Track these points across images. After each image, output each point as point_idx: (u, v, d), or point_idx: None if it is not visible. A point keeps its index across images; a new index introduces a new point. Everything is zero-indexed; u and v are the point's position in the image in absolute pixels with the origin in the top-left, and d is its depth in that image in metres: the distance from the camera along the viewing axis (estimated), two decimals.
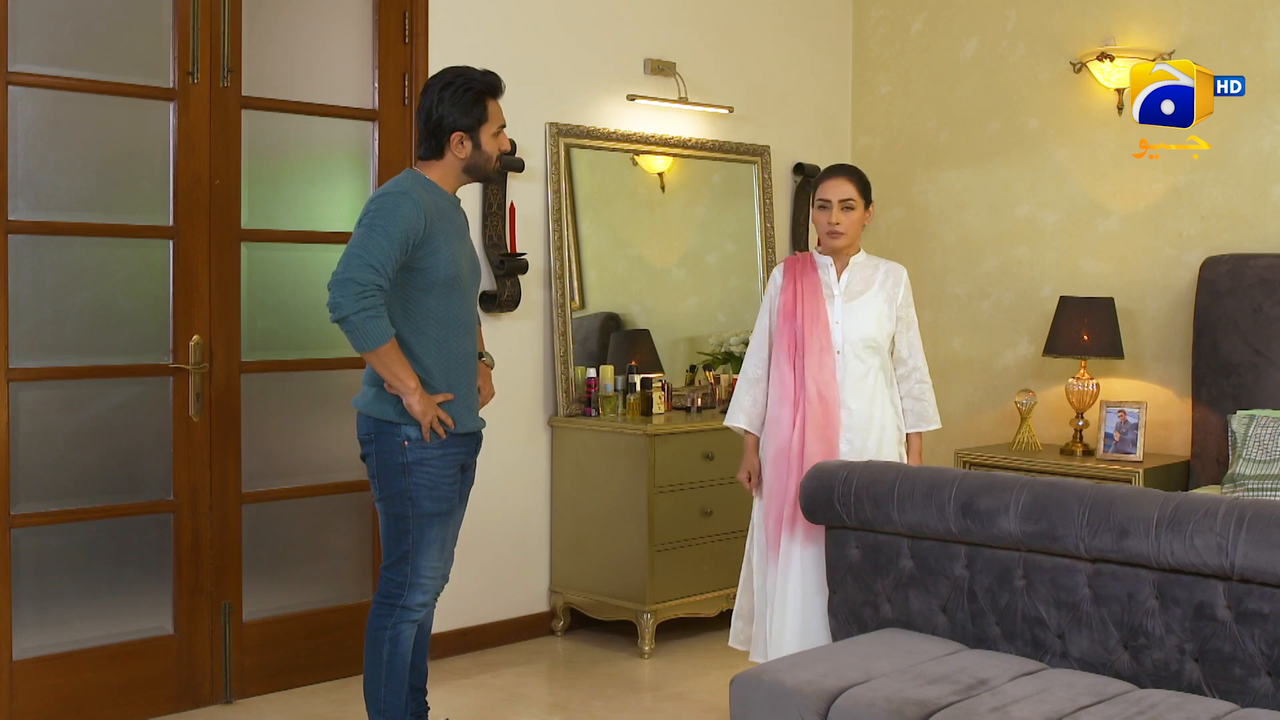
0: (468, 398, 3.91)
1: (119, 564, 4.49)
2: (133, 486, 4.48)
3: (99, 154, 4.43)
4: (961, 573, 3.51)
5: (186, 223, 4.53)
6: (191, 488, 4.55)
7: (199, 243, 4.56)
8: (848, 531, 3.73)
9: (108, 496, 4.42)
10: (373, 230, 3.63)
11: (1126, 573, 3.20)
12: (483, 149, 3.87)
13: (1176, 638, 3.12)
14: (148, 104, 4.47)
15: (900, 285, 4.29)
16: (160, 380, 4.52)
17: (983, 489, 3.45)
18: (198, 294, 4.55)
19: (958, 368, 6.42)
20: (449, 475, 3.84)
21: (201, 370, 4.54)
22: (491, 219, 5.30)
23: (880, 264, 4.33)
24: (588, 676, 5.10)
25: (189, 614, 4.56)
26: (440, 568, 3.91)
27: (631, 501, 5.30)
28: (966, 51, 6.39)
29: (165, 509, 4.52)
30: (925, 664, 3.29)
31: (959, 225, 6.43)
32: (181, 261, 4.52)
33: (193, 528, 4.56)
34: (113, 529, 4.45)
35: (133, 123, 4.48)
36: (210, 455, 4.59)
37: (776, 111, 6.49)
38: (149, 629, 4.51)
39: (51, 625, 4.32)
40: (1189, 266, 5.60)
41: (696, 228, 6.36)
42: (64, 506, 4.33)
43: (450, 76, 3.85)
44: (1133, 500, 3.20)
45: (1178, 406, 5.67)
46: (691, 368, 6.10)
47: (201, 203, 4.56)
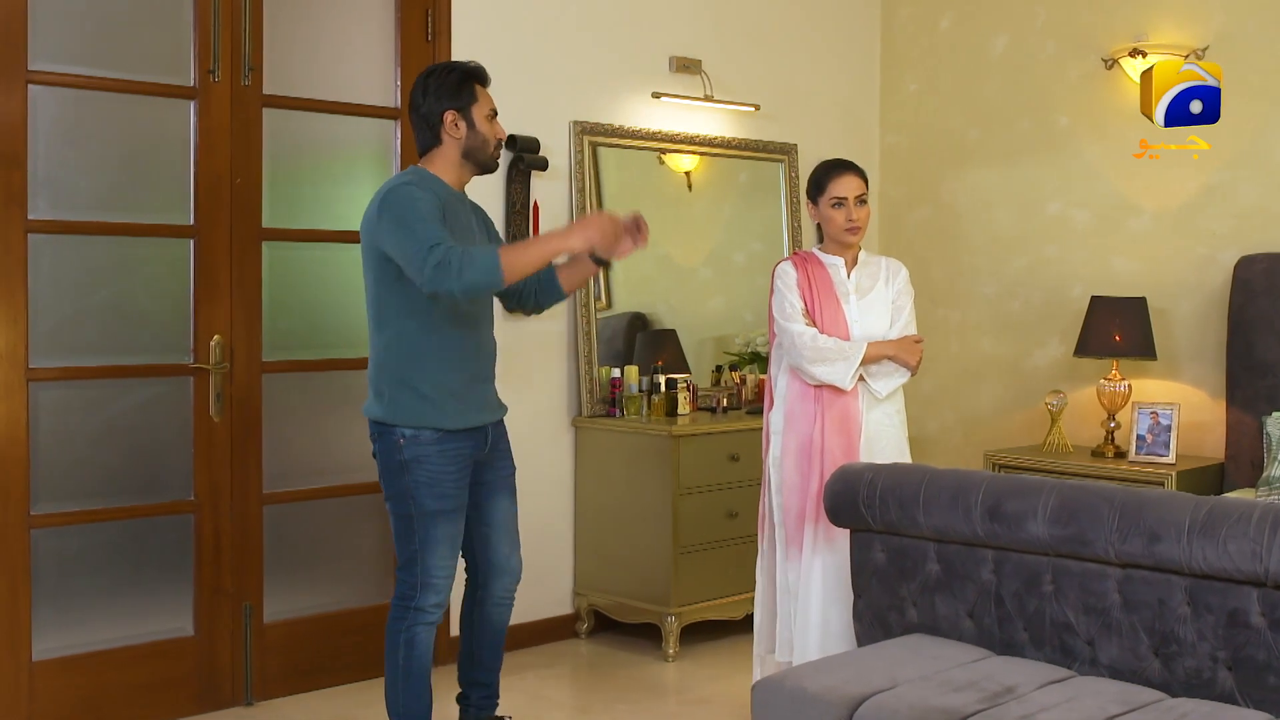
0: (470, 393, 3.87)
1: (139, 564, 4.47)
2: (153, 487, 4.46)
3: (119, 153, 4.41)
4: (989, 577, 3.44)
5: (207, 222, 4.51)
6: (212, 488, 4.53)
7: (220, 242, 4.53)
8: (872, 535, 3.67)
9: (128, 497, 4.41)
10: (402, 222, 3.60)
11: (1158, 578, 3.13)
12: (478, 129, 3.85)
13: (1209, 645, 3.05)
14: (168, 102, 4.45)
15: (898, 278, 4.28)
16: (181, 380, 4.49)
17: (1010, 492, 3.38)
18: (219, 293, 4.53)
19: (987, 368, 6.35)
20: (451, 472, 3.80)
21: (222, 370, 4.51)
22: (515, 217, 5.27)
23: (880, 260, 4.31)
24: (611, 680, 5.05)
25: (209, 615, 4.54)
26: (451, 566, 3.88)
27: (655, 503, 5.25)
28: (996, 48, 6.31)
29: (186, 509, 4.49)
30: (951, 670, 3.23)
31: (988, 224, 6.35)
32: (202, 261, 4.50)
33: (214, 528, 4.53)
34: (133, 529, 4.43)
35: (153, 121, 4.45)
36: (231, 455, 4.56)
37: (803, 110, 6.43)
38: (169, 630, 4.49)
39: (72, 626, 4.30)
40: (1223, 265, 5.51)
41: (723, 227, 6.31)
42: (84, 507, 4.31)
43: (433, 67, 3.92)
44: (1164, 504, 3.13)
45: (1211, 408, 5.58)
46: (717, 368, 6.04)
47: (223, 201, 4.53)
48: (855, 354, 4.09)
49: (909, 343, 4.19)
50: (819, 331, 4.13)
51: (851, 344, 4.11)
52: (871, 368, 4.14)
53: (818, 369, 4.09)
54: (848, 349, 4.10)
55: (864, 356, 4.10)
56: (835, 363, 4.09)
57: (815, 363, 4.09)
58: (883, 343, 4.16)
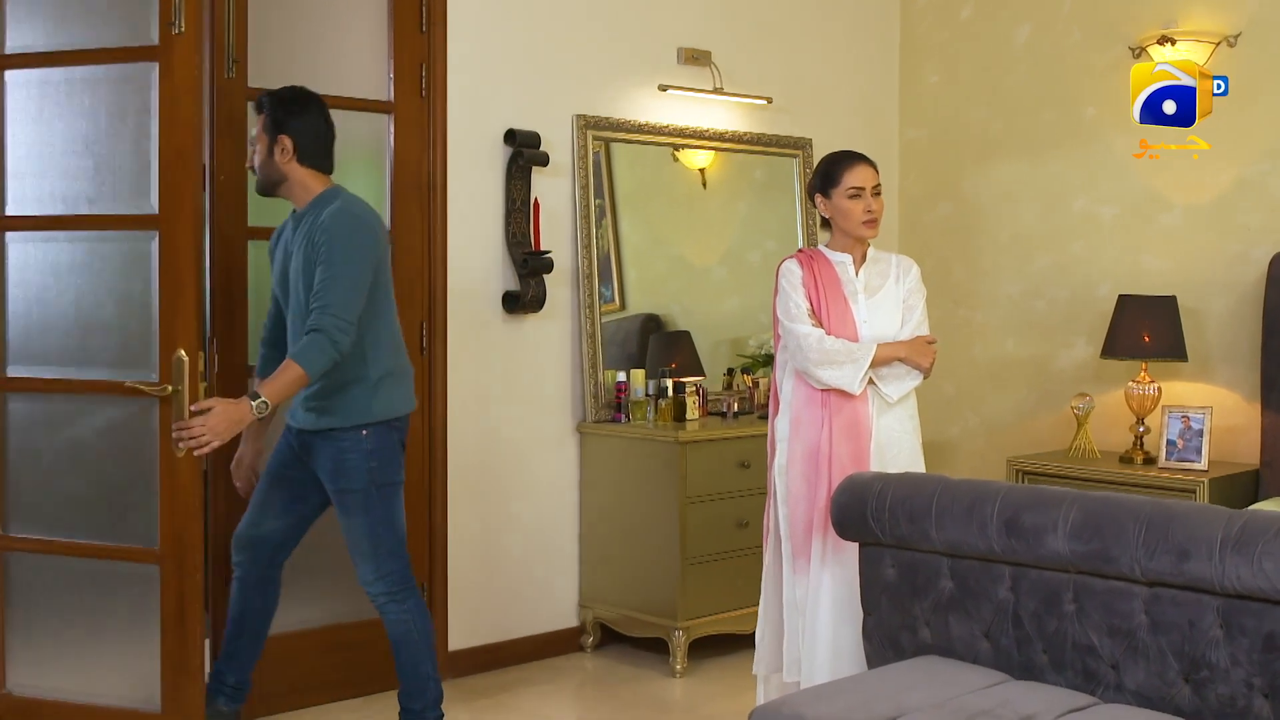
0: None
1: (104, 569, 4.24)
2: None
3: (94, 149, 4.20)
4: (1006, 595, 3.22)
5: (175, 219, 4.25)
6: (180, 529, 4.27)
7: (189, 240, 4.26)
8: (882, 549, 3.45)
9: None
10: None
11: (1188, 598, 2.91)
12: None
13: (1244, 671, 2.83)
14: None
15: (909, 275, 4.06)
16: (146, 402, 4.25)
17: (1028, 504, 3.16)
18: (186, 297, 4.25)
19: (1011, 370, 6.14)
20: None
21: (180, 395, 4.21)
22: (515, 215, 5.07)
23: (890, 257, 4.10)
24: (615, 697, 4.85)
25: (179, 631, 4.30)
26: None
27: (662, 512, 5.05)
28: (1019, 38, 6.10)
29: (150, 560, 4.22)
30: (964, 697, 3.01)
31: (1011, 221, 6.14)
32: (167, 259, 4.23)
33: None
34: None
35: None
36: (213, 459, 4.34)
37: (818, 103, 6.21)
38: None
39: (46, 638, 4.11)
40: (1257, 262, 5.29)
41: (738, 225, 6.14)
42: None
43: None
44: (1194, 518, 2.91)
45: (1246, 411, 5.36)
46: (729, 370, 5.84)
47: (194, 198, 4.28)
48: (864, 356, 3.87)
49: (921, 344, 3.97)
50: (826, 333, 3.91)
51: (860, 346, 3.89)
52: (882, 370, 3.92)
53: (825, 372, 3.87)
54: (856, 351, 3.87)
55: (874, 359, 3.88)
56: (843, 365, 3.87)
57: (822, 365, 3.87)
58: (893, 344, 3.94)
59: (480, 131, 5.02)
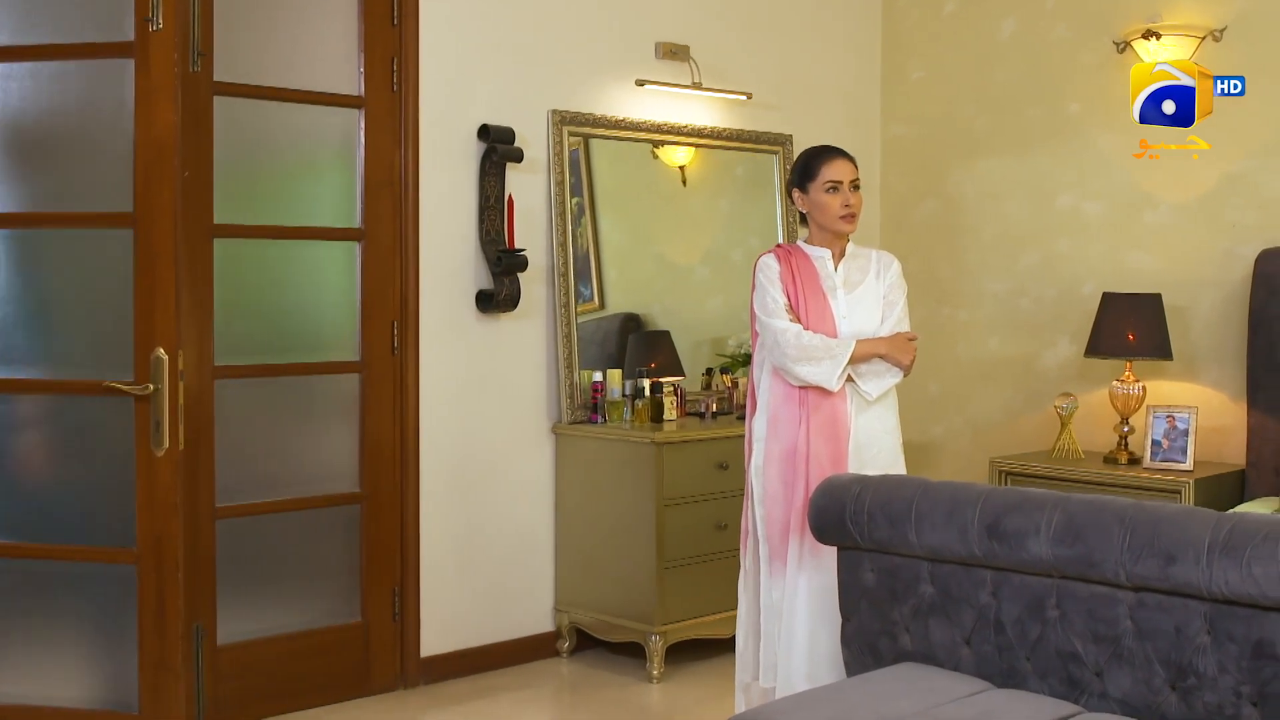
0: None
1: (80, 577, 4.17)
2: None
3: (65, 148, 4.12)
4: (987, 601, 3.13)
5: (151, 216, 4.18)
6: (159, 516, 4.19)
7: (166, 237, 4.19)
8: (861, 553, 3.36)
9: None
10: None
11: (1174, 603, 2.82)
12: None
13: (1232, 678, 2.75)
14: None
15: (890, 271, 3.97)
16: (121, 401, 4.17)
17: (1010, 507, 3.07)
18: (164, 295, 4.19)
19: (995, 369, 6.06)
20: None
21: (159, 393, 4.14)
22: (488, 212, 4.97)
23: (870, 253, 4.01)
24: (591, 702, 4.76)
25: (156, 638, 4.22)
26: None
27: (638, 514, 4.95)
28: (1004, 32, 6.02)
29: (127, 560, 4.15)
30: (944, 706, 2.92)
31: (996, 218, 6.06)
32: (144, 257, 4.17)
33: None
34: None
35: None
36: (181, 469, 4.23)
37: (799, 99, 6.12)
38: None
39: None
40: (1244, 260, 5.22)
41: (720, 223, 6.06)
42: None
43: None
44: (1181, 521, 2.82)
45: (1231, 411, 5.29)
46: (707, 370, 5.75)
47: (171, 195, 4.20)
48: (843, 352, 3.78)
49: (901, 340, 3.88)
50: (804, 328, 3.82)
51: (839, 342, 3.80)
52: (861, 367, 3.83)
53: (802, 368, 3.78)
54: (835, 347, 3.78)
55: (852, 355, 3.78)
56: (821, 361, 3.77)
57: (799, 361, 3.78)
58: (873, 340, 3.84)
59: (453, 127, 4.92)
